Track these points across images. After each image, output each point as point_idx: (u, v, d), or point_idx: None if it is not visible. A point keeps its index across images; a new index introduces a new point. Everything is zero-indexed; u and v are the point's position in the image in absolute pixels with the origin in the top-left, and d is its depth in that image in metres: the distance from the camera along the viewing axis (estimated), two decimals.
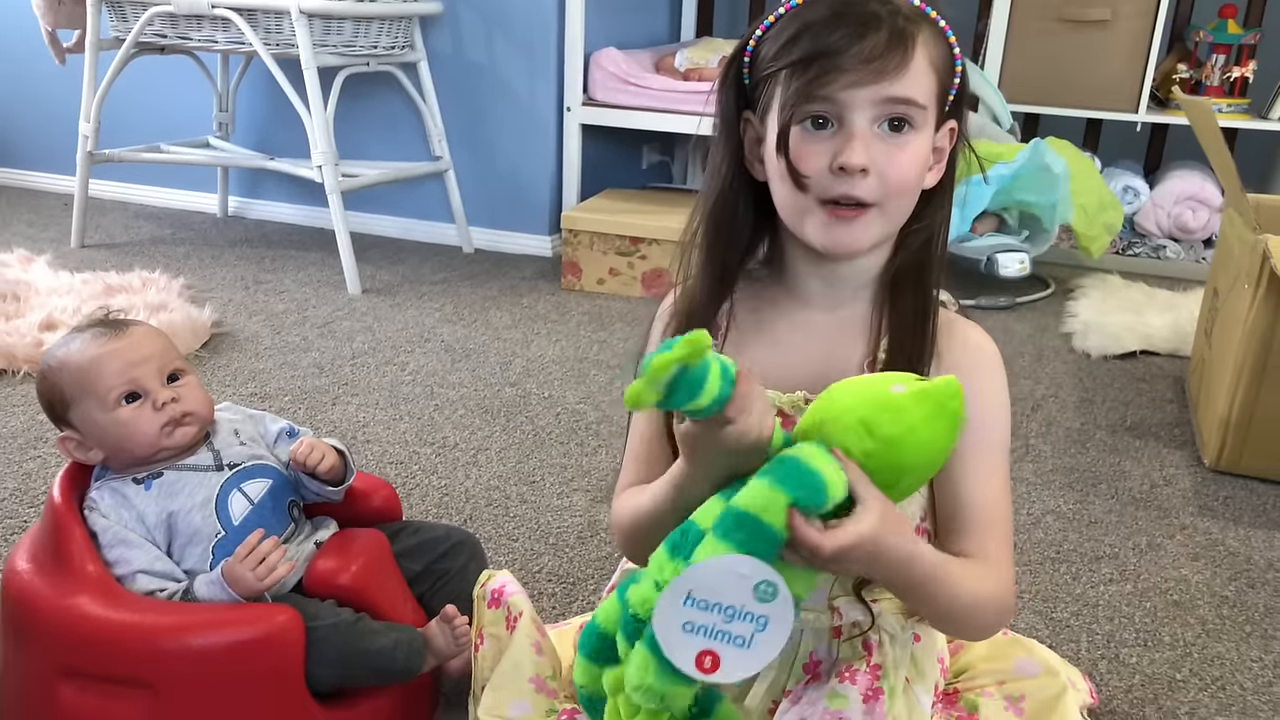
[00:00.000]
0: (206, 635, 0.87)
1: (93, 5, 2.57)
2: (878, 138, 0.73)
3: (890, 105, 0.72)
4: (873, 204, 0.74)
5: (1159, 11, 2.70)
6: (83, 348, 0.98)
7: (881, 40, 0.71)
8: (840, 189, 0.73)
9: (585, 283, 2.53)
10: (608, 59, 2.69)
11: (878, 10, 0.72)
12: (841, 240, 0.75)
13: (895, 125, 0.73)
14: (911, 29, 0.72)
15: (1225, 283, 1.78)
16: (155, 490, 0.97)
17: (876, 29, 0.71)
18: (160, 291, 2.27)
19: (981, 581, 0.75)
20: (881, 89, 0.72)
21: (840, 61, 0.71)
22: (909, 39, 0.72)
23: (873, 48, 0.71)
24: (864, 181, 0.73)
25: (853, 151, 0.72)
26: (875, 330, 0.80)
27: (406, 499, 1.49)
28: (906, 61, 0.72)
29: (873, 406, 0.66)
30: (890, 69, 0.71)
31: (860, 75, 0.71)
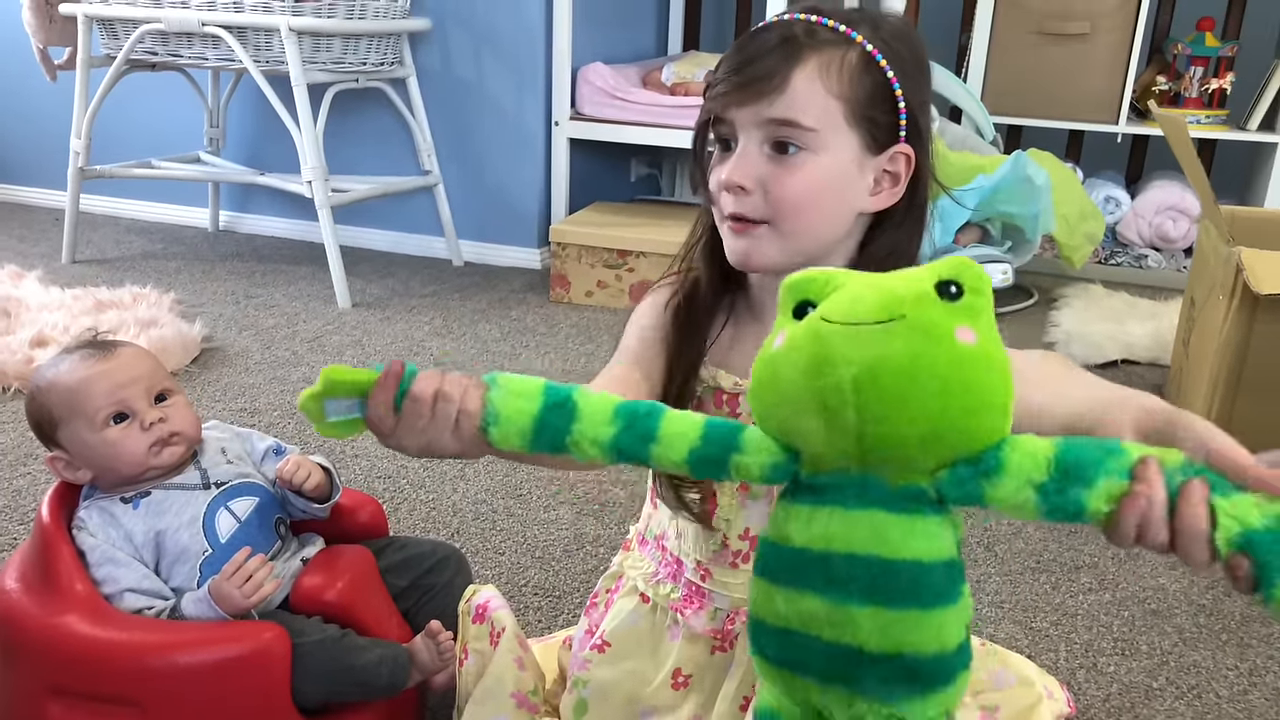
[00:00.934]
0: (193, 653, 0.88)
1: (84, 23, 2.59)
2: (766, 158, 0.75)
3: (771, 127, 0.75)
4: (763, 221, 0.76)
5: (1138, 24, 2.73)
6: (71, 369, 1.00)
7: (765, 64, 0.74)
8: (729, 207, 0.77)
9: (574, 295, 2.55)
10: (595, 74, 2.71)
11: (775, 35, 0.75)
12: (742, 252, 0.78)
13: (780, 147, 0.75)
14: (801, 53, 0.74)
15: (1201, 293, 1.81)
16: (143, 509, 0.98)
17: (765, 52, 0.75)
18: (151, 307, 2.28)
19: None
20: (760, 110, 0.74)
21: (724, 86, 0.75)
22: (792, 62, 0.74)
23: (753, 70, 0.74)
24: (748, 199, 0.76)
25: (730, 169, 0.75)
26: None
27: (394, 513, 1.51)
28: (783, 85, 0.74)
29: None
30: (768, 90, 0.74)
31: (739, 96, 0.75)
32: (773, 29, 0.76)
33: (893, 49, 0.76)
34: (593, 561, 1.40)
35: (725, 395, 0.83)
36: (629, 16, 3.18)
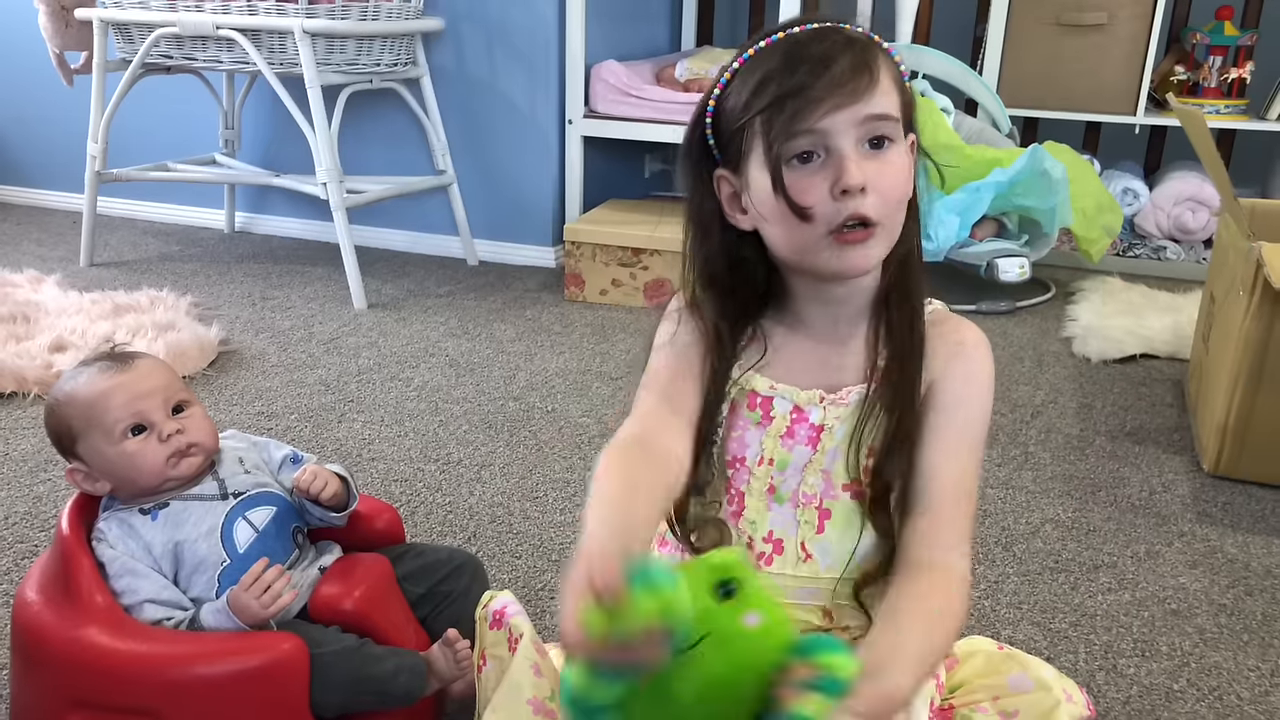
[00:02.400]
0: (212, 664, 0.89)
1: (99, 28, 2.61)
2: (866, 157, 0.75)
3: (870, 123, 0.75)
4: (877, 222, 0.76)
5: (1156, 14, 2.71)
6: (89, 381, 1.00)
7: (847, 65, 0.74)
8: (847, 212, 0.75)
9: (588, 294, 2.55)
10: (608, 71, 2.71)
11: (834, 42, 0.75)
12: (854, 263, 0.77)
13: (876, 142, 0.76)
14: (871, 51, 0.76)
15: (1221, 288, 1.79)
16: (161, 520, 0.99)
17: (839, 56, 0.74)
18: (168, 310, 2.29)
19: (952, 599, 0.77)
20: (859, 109, 0.74)
21: (813, 93, 0.74)
22: (871, 59, 0.75)
23: (841, 73, 0.74)
24: (866, 200, 0.75)
25: (850, 173, 0.74)
26: (873, 345, 0.83)
27: (411, 517, 1.52)
28: (875, 79, 0.75)
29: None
30: (863, 88, 0.74)
31: (837, 99, 0.74)
32: (821, 34, 0.76)
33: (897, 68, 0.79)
34: None
35: (760, 398, 0.83)
36: (642, 13, 3.18)
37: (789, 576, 0.84)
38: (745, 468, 0.84)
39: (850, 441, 0.81)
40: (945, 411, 0.81)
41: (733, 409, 0.84)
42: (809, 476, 0.82)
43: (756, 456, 0.83)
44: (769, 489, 0.84)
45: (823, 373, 0.83)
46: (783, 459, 0.83)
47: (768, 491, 0.84)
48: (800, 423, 0.82)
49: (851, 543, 0.83)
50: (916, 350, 0.81)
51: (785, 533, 0.83)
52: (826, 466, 0.82)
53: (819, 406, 0.82)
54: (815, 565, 0.83)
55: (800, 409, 0.82)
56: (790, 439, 0.82)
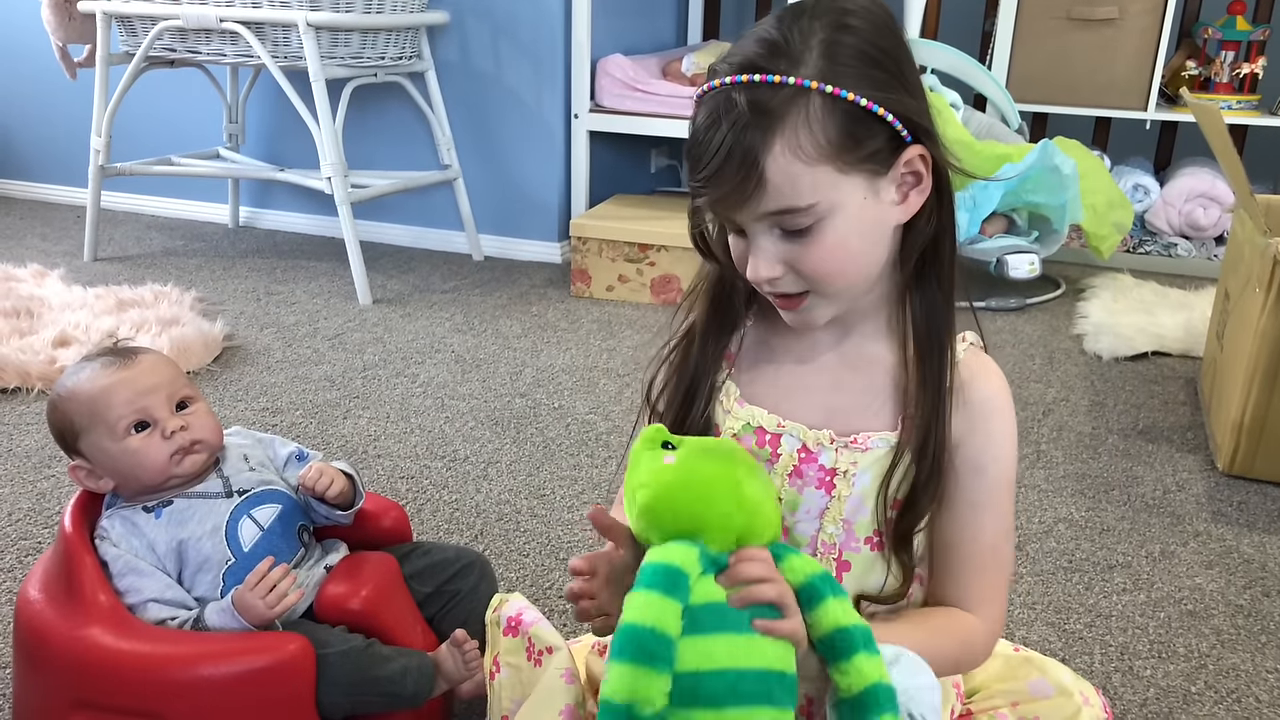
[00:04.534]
0: (217, 665, 0.87)
1: (103, 21, 2.59)
2: (780, 239, 0.72)
3: (773, 218, 0.71)
4: (807, 291, 0.74)
5: (1167, 9, 2.68)
6: (92, 377, 0.99)
7: (729, 170, 0.69)
8: (766, 289, 0.75)
9: (595, 290, 2.53)
10: (614, 65, 2.69)
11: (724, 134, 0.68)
12: (798, 322, 0.77)
13: (788, 231, 0.71)
14: (758, 144, 0.68)
15: (1236, 285, 1.77)
16: (165, 518, 0.98)
17: (725, 160, 0.69)
18: (172, 305, 2.28)
19: (960, 634, 0.79)
20: (751, 209, 0.70)
21: (706, 192, 0.71)
22: (757, 158, 0.68)
23: (724, 179, 0.69)
24: (781, 280, 0.73)
25: (756, 267, 0.73)
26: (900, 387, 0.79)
27: (418, 514, 1.50)
28: (761, 182, 0.68)
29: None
30: (750, 192, 0.69)
31: (723, 205, 0.72)
32: (717, 118, 0.69)
33: (864, 57, 0.69)
34: None
35: (768, 435, 0.80)
36: (648, 6, 3.15)
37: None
38: None
39: (878, 495, 0.78)
40: (972, 474, 0.78)
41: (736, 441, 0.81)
42: (828, 525, 0.80)
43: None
44: (784, 531, 0.80)
45: (824, 400, 0.80)
46: (792, 499, 0.80)
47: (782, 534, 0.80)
48: (809, 463, 0.79)
49: (868, 589, 0.81)
50: (948, 402, 0.78)
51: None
52: (848, 516, 0.79)
53: (830, 448, 0.79)
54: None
55: (809, 449, 0.79)
56: (800, 479, 0.79)
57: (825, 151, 0.68)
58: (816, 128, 0.68)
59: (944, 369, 0.78)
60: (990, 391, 0.80)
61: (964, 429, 0.78)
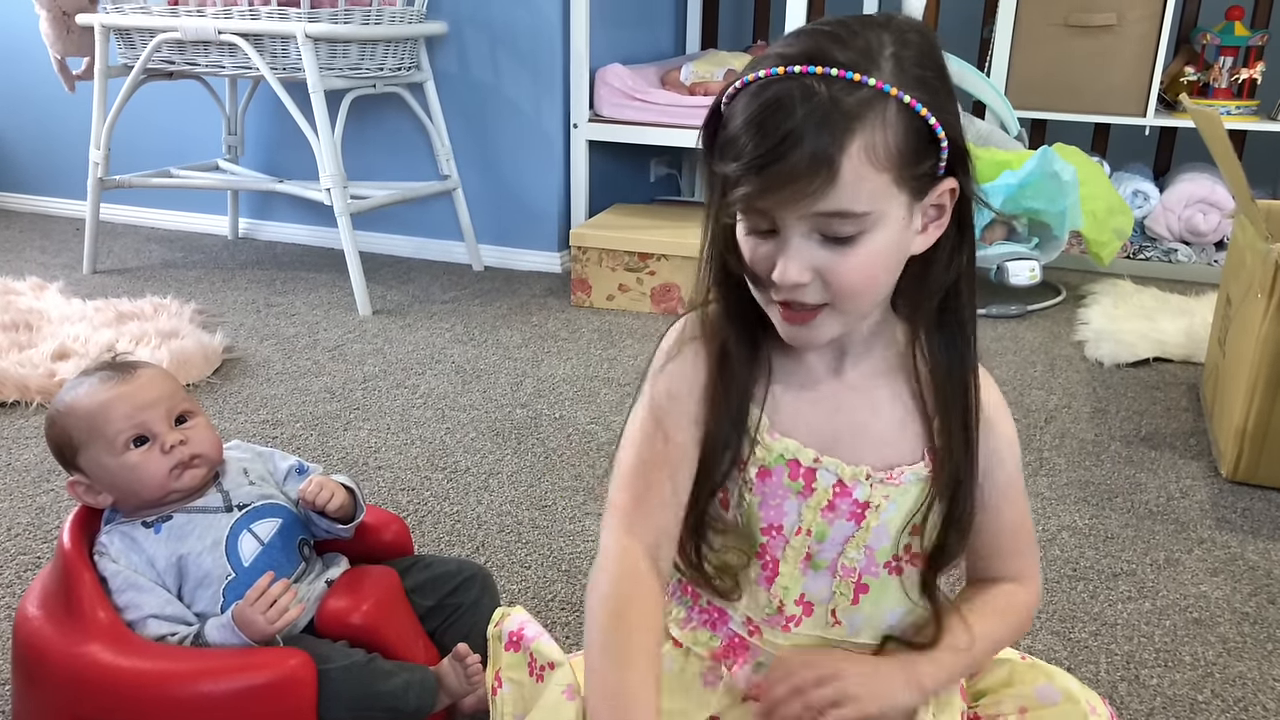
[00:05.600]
0: (218, 681, 0.87)
1: (101, 33, 2.59)
2: (819, 245, 0.68)
3: (822, 220, 0.67)
4: (824, 304, 0.71)
5: (1165, 14, 2.69)
6: (90, 392, 0.98)
7: (802, 160, 0.64)
8: (784, 294, 0.71)
9: (595, 299, 2.53)
10: (613, 75, 2.69)
11: (800, 120, 0.64)
12: (799, 337, 0.73)
13: (833, 236, 0.68)
14: (838, 140, 0.65)
15: (1238, 291, 1.77)
16: (165, 533, 0.97)
17: (795, 146, 0.64)
18: (172, 318, 2.28)
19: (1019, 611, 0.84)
20: (806, 206, 0.66)
21: (762, 181, 0.66)
22: (834, 153, 0.65)
23: (792, 169, 0.65)
24: (807, 288, 0.69)
25: (786, 269, 0.68)
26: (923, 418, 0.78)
27: (419, 526, 1.49)
28: (832, 179, 0.65)
29: None
30: (814, 190, 0.65)
31: (783, 195, 0.66)
32: (793, 101, 0.65)
33: (923, 78, 0.67)
34: None
35: (802, 469, 0.77)
36: (646, 16, 3.16)
37: (815, 637, 0.81)
38: (781, 536, 0.79)
39: (904, 524, 0.78)
40: (995, 468, 0.80)
41: (766, 473, 0.78)
42: (850, 550, 0.79)
43: (794, 526, 0.78)
44: (805, 556, 0.80)
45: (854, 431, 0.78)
46: (821, 530, 0.78)
47: (804, 559, 0.80)
48: (843, 497, 0.78)
49: (884, 616, 0.81)
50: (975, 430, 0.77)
51: (817, 598, 0.80)
52: (871, 544, 0.78)
53: (865, 484, 0.77)
54: (843, 630, 0.81)
55: (844, 484, 0.77)
56: (831, 512, 0.78)
57: (893, 161, 0.66)
58: (892, 138, 0.66)
59: (970, 412, 0.77)
60: (992, 398, 0.81)
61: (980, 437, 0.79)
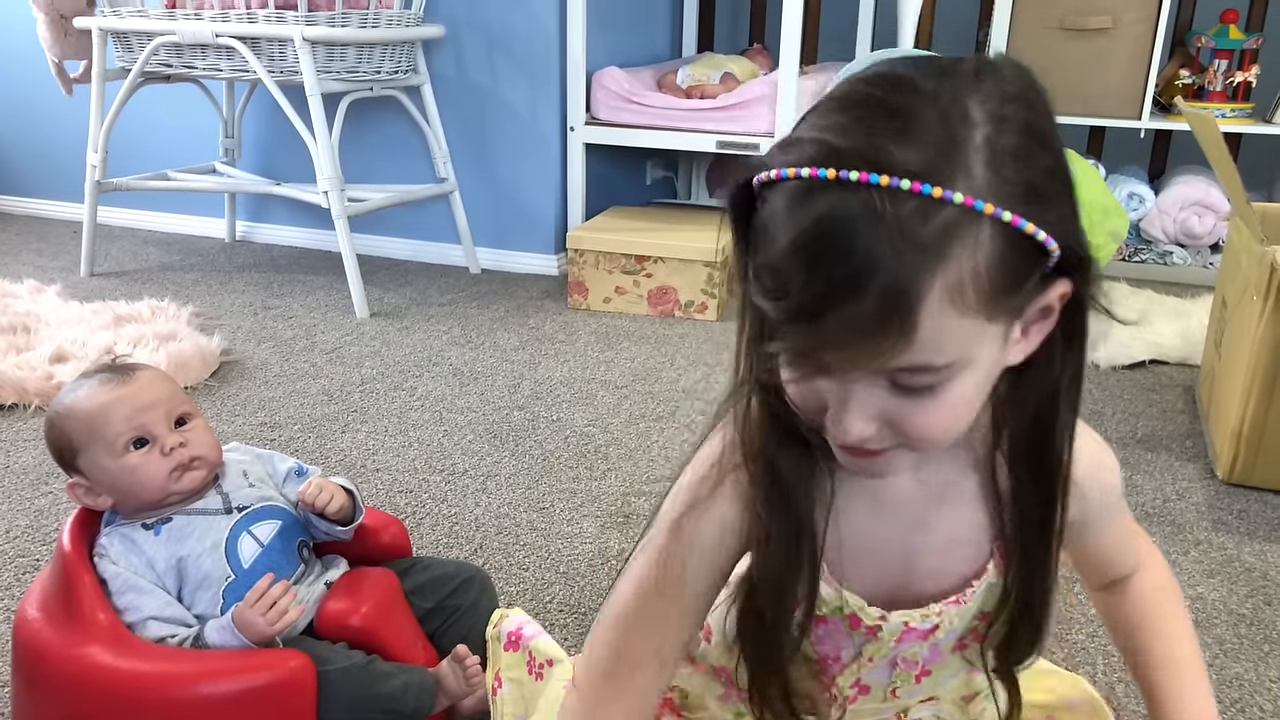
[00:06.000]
0: (218, 683, 0.87)
1: (98, 36, 2.59)
2: (887, 393, 0.54)
3: (895, 374, 0.53)
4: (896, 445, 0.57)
5: (1160, 18, 2.69)
6: (90, 394, 0.98)
7: (865, 313, 0.48)
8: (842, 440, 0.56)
9: (592, 302, 2.53)
10: (610, 78, 2.69)
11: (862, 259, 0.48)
12: (866, 470, 0.61)
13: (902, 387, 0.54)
14: (915, 285, 0.48)
15: (1234, 293, 1.77)
16: (164, 536, 0.97)
17: (855, 295, 0.48)
18: (169, 320, 2.28)
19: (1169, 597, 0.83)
20: (871, 364, 0.52)
21: (811, 334, 0.51)
22: (910, 304, 0.48)
23: (851, 323, 0.49)
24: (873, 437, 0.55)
25: (848, 425, 0.54)
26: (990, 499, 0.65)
27: (417, 529, 1.50)
28: (907, 334, 0.49)
29: None
30: (883, 349, 0.50)
31: (840, 355, 0.52)
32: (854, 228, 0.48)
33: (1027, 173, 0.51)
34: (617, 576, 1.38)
35: (865, 625, 0.68)
36: (643, 19, 3.16)
37: (871, 709, 0.76)
38: (839, 663, 0.72)
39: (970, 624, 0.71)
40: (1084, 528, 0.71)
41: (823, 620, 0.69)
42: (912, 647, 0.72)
43: (853, 655, 0.71)
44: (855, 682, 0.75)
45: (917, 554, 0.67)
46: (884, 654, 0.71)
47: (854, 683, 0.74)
48: (910, 633, 0.69)
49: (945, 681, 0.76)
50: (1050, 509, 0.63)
51: (875, 684, 0.74)
52: (939, 640, 0.72)
53: (934, 616, 0.68)
54: (900, 702, 0.76)
55: (911, 625, 0.68)
56: (898, 645, 0.70)
57: (986, 298, 0.50)
58: (982, 266, 0.49)
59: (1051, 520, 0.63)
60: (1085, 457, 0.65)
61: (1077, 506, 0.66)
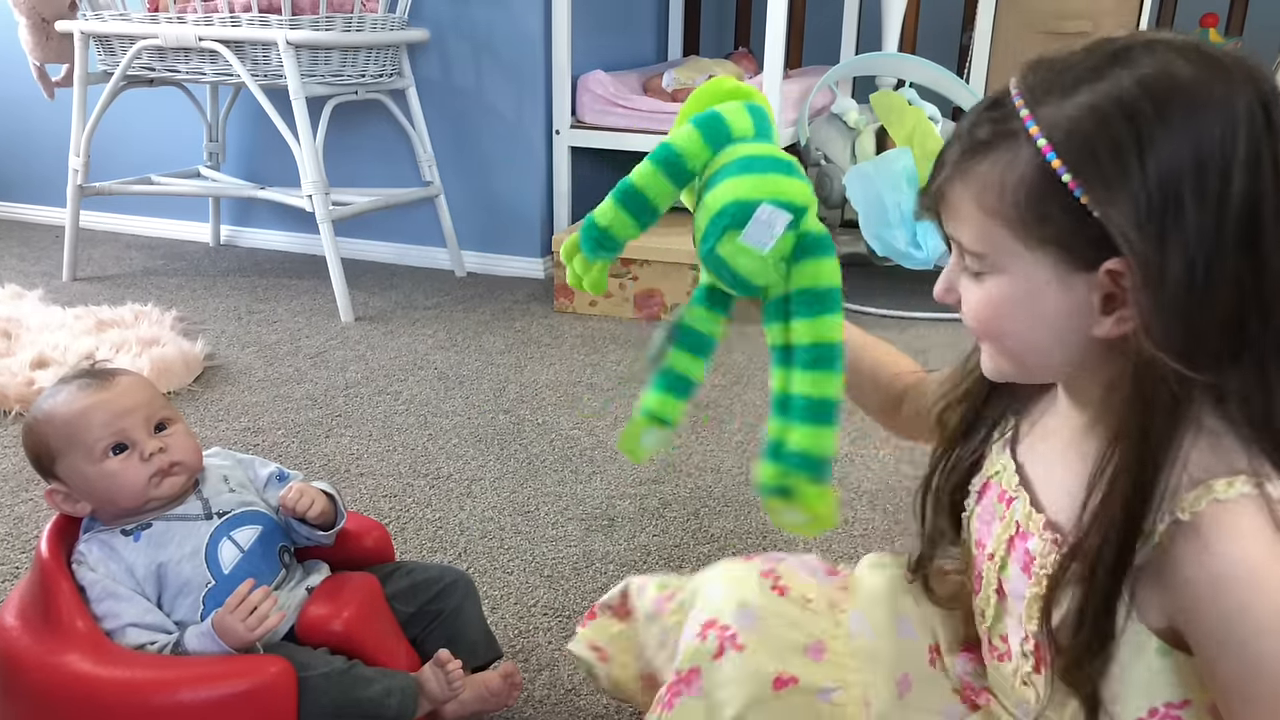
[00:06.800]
0: (197, 689, 0.86)
1: (80, 40, 2.58)
2: (962, 269, 0.67)
3: (960, 251, 0.66)
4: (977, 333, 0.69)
5: (1140, 22, 2.72)
6: (69, 399, 0.98)
7: (935, 179, 0.65)
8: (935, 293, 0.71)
9: (578, 305, 2.53)
10: (595, 81, 2.70)
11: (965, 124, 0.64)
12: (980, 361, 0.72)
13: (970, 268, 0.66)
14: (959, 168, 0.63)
15: None
16: (144, 541, 0.97)
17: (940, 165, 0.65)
18: (153, 325, 2.26)
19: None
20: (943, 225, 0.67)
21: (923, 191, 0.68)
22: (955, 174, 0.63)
23: (931, 185, 0.66)
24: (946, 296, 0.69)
25: (938, 281, 0.69)
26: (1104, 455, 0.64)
27: (401, 533, 1.49)
28: (946, 206, 0.65)
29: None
30: (939, 207, 0.66)
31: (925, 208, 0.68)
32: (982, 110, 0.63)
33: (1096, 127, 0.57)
34: (602, 579, 1.38)
35: (1008, 495, 0.73)
36: (628, 23, 3.17)
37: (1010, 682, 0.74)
38: (984, 552, 0.75)
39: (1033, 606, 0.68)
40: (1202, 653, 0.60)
41: (987, 487, 0.76)
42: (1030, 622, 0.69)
43: (989, 550, 0.74)
44: (998, 590, 0.73)
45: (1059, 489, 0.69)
46: (1004, 563, 0.72)
47: (996, 591, 0.73)
48: (1021, 539, 0.70)
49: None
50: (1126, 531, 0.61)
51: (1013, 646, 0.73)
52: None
53: (1038, 536, 0.68)
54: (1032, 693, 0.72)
55: (1020, 526, 0.70)
56: (1011, 550, 0.71)
57: (1005, 208, 0.61)
58: (1010, 184, 0.60)
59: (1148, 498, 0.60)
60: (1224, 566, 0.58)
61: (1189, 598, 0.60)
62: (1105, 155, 0.56)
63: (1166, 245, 0.55)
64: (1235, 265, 0.56)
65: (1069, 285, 0.60)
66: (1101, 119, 0.56)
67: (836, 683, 0.79)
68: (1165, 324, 0.57)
